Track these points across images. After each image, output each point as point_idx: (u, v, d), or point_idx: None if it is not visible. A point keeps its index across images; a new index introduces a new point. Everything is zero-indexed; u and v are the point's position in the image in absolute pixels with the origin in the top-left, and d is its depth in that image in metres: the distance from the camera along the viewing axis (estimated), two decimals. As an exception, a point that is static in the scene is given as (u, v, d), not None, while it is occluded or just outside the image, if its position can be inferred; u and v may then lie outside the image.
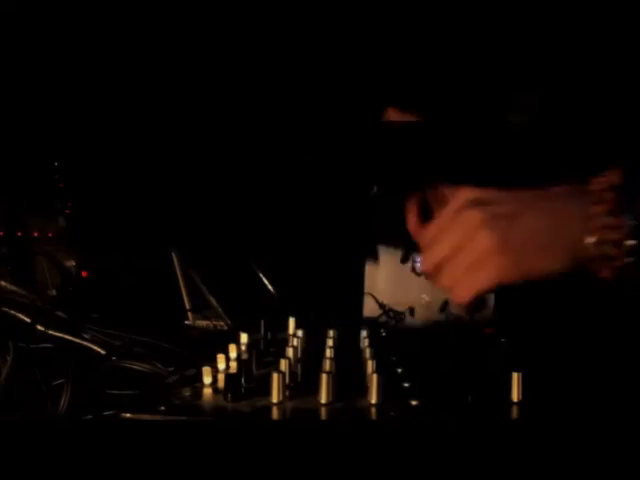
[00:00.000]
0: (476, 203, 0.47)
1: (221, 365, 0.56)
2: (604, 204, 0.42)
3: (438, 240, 0.49)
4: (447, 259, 0.48)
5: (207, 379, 0.51)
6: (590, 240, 0.42)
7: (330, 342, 0.60)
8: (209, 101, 1.04)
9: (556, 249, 0.44)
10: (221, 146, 1.07)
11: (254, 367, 0.54)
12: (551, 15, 0.84)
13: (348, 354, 0.61)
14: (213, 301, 0.90)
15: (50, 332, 0.69)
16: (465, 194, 0.48)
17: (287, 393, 0.47)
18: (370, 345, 0.58)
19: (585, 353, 0.64)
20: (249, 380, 0.50)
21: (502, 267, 0.45)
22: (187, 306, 0.97)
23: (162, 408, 0.44)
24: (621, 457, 0.40)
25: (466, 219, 0.47)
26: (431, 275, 0.51)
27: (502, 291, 0.49)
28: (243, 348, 0.65)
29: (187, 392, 0.48)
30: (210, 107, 1.04)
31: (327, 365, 0.51)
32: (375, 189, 1.03)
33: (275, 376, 0.46)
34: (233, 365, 0.57)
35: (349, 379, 0.51)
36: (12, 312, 0.72)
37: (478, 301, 0.48)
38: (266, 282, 0.95)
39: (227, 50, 0.99)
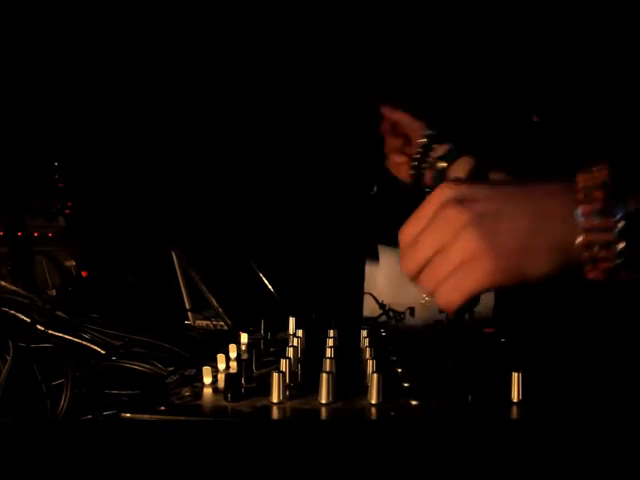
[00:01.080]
0: (458, 200, 0.45)
1: (221, 365, 0.56)
2: (592, 203, 0.40)
3: (419, 240, 0.47)
4: (430, 260, 0.46)
5: (207, 379, 0.51)
6: (578, 242, 0.40)
7: (330, 342, 0.60)
8: (209, 100, 1.04)
9: (543, 251, 0.42)
10: (221, 146, 1.07)
11: (254, 367, 0.54)
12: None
13: (348, 354, 0.61)
14: (213, 301, 0.90)
15: (50, 332, 0.69)
16: (446, 190, 0.46)
17: (287, 393, 0.47)
18: (370, 345, 0.58)
19: (585, 353, 0.64)
20: (249, 380, 0.50)
21: (489, 270, 0.43)
22: (187, 306, 0.97)
23: (162, 408, 0.44)
24: (621, 457, 0.40)
25: (449, 218, 0.45)
26: (412, 277, 0.49)
27: (500, 292, 0.49)
28: (243, 348, 0.65)
29: (187, 392, 0.48)
30: (210, 106, 1.04)
31: (327, 365, 0.51)
32: (375, 189, 1.03)
33: (275, 376, 0.46)
34: (233, 365, 0.57)
35: (349, 379, 0.51)
36: (12, 312, 0.72)
37: (465, 305, 0.45)
38: (266, 282, 0.95)
39: (226, 50, 0.99)
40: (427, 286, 0.47)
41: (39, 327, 0.69)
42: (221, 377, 0.53)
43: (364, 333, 0.66)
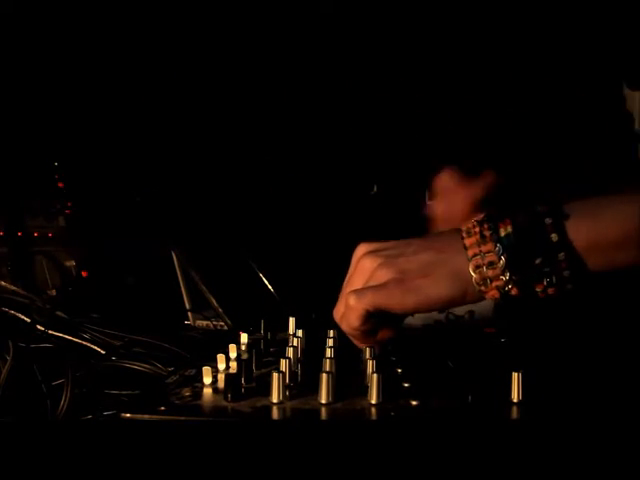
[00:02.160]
0: (371, 252, 0.54)
1: (221, 365, 0.56)
2: (473, 236, 0.50)
3: (345, 289, 0.55)
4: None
5: (207, 379, 0.51)
6: (470, 266, 0.49)
7: (330, 342, 0.60)
8: (209, 101, 1.04)
9: (442, 277, 0.50)
10: (221, 146, 1.07)
11: (254, 367, 0.54)
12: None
13: (348, 354, 0.61)
14: (213, 301, 0.90)
15: (50, 332, 0.69)
16: (361, 247, 0.55)
17: (287, 393, 0.47)
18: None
19: (585, 352, 0.64)
20: (249, 380, 0.50)
21: (398, 291, 0.51)
22: (187, 306, 0.97)
23: (162, 408, 0.44)
24: (621, 457, 0.40)
25: (365, 265, 0.53)
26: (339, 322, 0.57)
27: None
28: (243, 348, 0.65)
29: (187, 392, 0.48)
30: (210, 107, 1.04)
31: (327, 365, 0.51)
32: (375, 189, 1.04)
33: (275, 376, 0.46)
34: (233, 365, 0.57)
35: (349, 379, 0.51)
36: (12, 312, 0.72)
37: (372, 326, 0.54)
38: (266, 282, 0.95)
39: (225, 50, 0.99)
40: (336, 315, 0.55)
41: (39, 327, 0.69)
42: (221, 377, 0.53)
43: (364, 333, 0.65)
